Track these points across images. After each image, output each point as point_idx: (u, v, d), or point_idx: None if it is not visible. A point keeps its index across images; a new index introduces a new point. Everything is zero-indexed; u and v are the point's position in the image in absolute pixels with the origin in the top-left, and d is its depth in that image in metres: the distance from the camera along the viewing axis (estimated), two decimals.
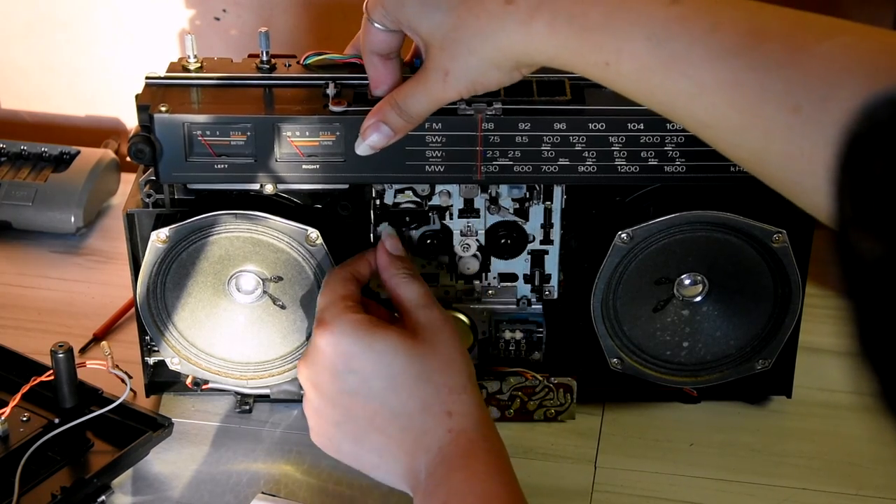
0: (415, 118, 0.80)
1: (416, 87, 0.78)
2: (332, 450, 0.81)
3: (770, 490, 0.88)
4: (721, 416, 0.94)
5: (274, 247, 0.87)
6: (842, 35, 0.60)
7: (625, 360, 0.91)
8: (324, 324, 0.79)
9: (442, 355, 0.79)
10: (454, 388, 0.78)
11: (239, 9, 1.26)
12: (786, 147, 0.61)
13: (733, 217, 0.86)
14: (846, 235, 0.42)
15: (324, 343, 0.78)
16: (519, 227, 0.90)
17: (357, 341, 0.78)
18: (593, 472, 0.90)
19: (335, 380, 0.78)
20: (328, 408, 0.79)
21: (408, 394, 0.77)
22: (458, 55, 0.74)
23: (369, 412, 0.78)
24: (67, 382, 0.90)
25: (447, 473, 0.75)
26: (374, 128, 0.81)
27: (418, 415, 0.77)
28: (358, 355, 0.77)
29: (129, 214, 0.88)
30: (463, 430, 0.77)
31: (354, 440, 0.79)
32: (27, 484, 0.85)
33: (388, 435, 0.77)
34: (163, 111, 0.83)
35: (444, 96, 0.77)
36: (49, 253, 1.15)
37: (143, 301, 0.88)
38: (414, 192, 0.89)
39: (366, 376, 0.77)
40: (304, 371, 0.80)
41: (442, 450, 0.76)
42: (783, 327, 0.90)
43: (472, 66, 0.74)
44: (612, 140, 0.83)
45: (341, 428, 0.79)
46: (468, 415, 0.77)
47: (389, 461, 0.78)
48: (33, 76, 1.32)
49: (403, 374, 0.77)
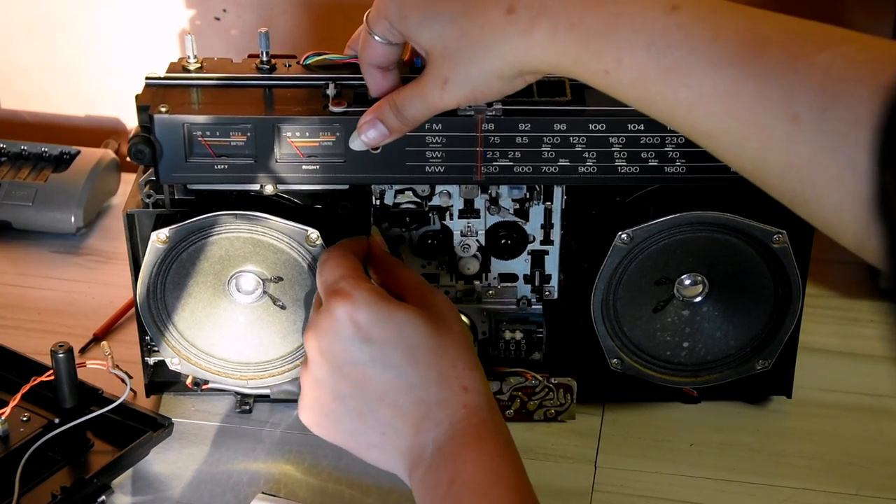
0: (411, 122, 0.80)
1: (414, 92, 0.78)
2: (326, 426, 0.79)
3: (770, 490, 0.88)
4: (721, 416, 0.94)
5: (274, 247, 0.87)
6: (842, 45, 0.61)
7: (625, 361, 0.91)
8: (342, 293, 0.77)
9: (455, 331, 0.78)
10: (468, 364, 0.77)
11: (239, 9, 1.26)
12: (785, 156, 0.61)
13: (733, 218, 0.86)
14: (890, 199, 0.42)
15: (342, 312, 0.77)
16: (519, 227, 0.90)
17: (378, 311, 0.77)
18: (593, 472, 0.90)
19: (351, 349, 0.77)
20: (336, 379, 0.77)
21: (425, 365, 0.76)
22: (459, 64, 0.74)
23: (383, 384, 0.77)
24: (67, 382, 0.90)
25: (458, 450, 0.75)
26: (371, 125, 0.81)
27: (434, 386, 0.76)
28: (378, 324, 0.76)
29: (129, 215, 0.88)
30: (477, 407, 0.76)
31: (358, 415, 0.77)
32: (27, 484, 0.85)
33: (399, 407, 0.76)
34: (163, 112, 0.83)
35: (440, 104, 0.77)
36: (49, 253, 1.15)
37: (144, 301, 0.88)
38: (414, 192, 0.89)
39: (384, 347, 0.76)
40: (314, 340, 0.78)
41: (454, 425, 0.75)
42: (783, 327, 0.90)
43: (473, 75, 0.74)
44: (612, 141, 0.83)
45: (345, 402, 0.77)
46: (481, 392, 0.77)
47: (391, 437, 0.77)
48: (33, 76, 1.33)
49: (422, 345, 0.77)
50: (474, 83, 0.75)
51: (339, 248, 0.83)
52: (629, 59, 0.66)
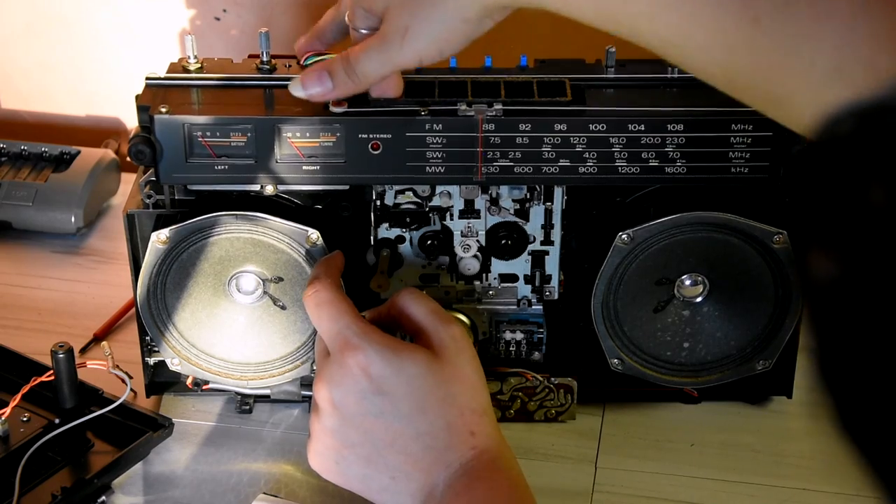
0: (362, 80, 0.78)
1: (370, 45, 0.76)
2: (336, 473, 0.79)
3: (770, 490, 0.88)
4: (721, 417, 0.94)
5: (274, 247, 0.87)
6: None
7: (625, 361, 0.91)
8: (352, 346, 0.77)
9: (465, 378, 0.78)
10: (476, 411, 0.78)
11: (239, 9, 1.26)
12: (750, 59, 0.60)
13: (734, 218, 0.86)
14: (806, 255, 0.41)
15: (354, 365, 0.76)
16: (519, 227, 0.90)
17: (389, 364, 0.76)
18: (594, 472, 0.90)
19: (362, 401, 0.76)
20: (346, 428, 0.77)
21: (434, 414, 0.77)
22: (420, 9, 0.72)
23: (392, 433, 0.77)
24: (68, 382, 0.90)
25: (470, 483, 0.75)
26: (317, 78, 0.79)
27: (443, 433, 0.76)
28: (390, 378, 0.76)
29: (129, 215, 0.88)
30: (486, 449, 0.77)
31: (367, 462, 0.78)
32: (27, 484, 0.85)
33: (408, 454, 0.77)
34: (163, 112, 0.83)
35: (399, 58, 0.75)
36: (49, 253, 1.15)
37: (144, 301, 0.88)
38: (414, 192, 0.89)
39: (395, 399, 0.76)
40: (325, 391, 0.77)
41: (464, 465, 0.76)
42: (784, 328, 0.90)
43: (436, 19, 0.72)
44: (612, 141, 0.83)
45: (355, 449, 0.77)
46: (489, 435, 0.78)
47: (402, 481, 0.77)
48: (34, 76, 1.32)
49: (431, 396, 0.77)
50: (437, 30, 0.73)
51: (330, 294, 0.79)
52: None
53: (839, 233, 0.38)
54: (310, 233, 0.86)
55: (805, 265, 0.40)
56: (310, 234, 0.86)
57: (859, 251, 0.37)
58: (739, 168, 0.84)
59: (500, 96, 0.84)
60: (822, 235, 0.39)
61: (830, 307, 0.39)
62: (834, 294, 0.39)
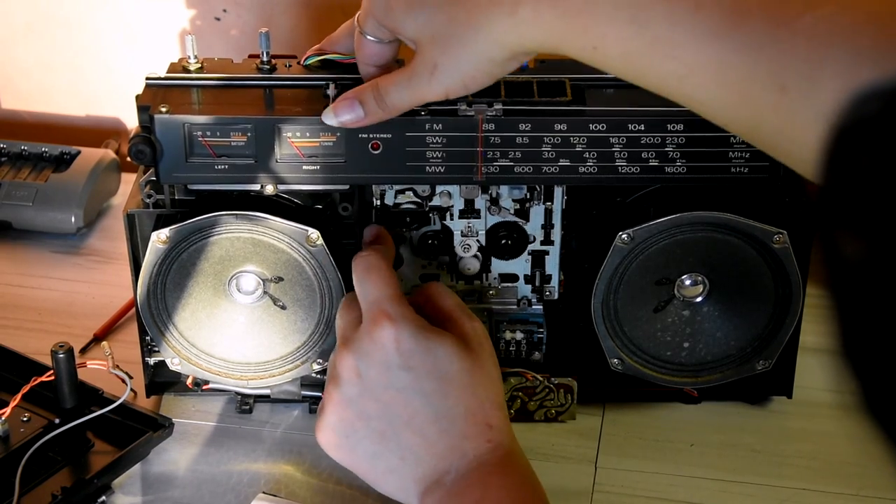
0: (392, 110, 0.79)
1: (401, 79, 0.77)
2: (345, 448, 0.79)
3: (770, 490, 0.88)
4: (721, 417, 0.94)
5: (274, 247, 0.87)
6: (823, 6, 0.60)
7: (625, 361, 0.91)
8: (387, 317, 0.78)
9: (487, 370, 0.80)
10: (494, 404, 0.79)
11: (239, 9, 1.26)
12: (777, 123, 0.60)
13: (734, 218, 0.86)
14: (831, 235, 0.41)
15: (386, 336, 0.77)
16: (519, 227, 0.90)
17: (421, 341, 0.77)
18: (594, 472, 0.90)
19: (387, 373, 0.77)
20: (366, 399, 0.78)
21: (455, 400, 0.77)
22: (450, 48, 0.73)
23: (410, 410, 0.77)
24: (68, 382, 0.90)
25: (483, 477, 0.76)
26: (349, 106, 0.80)
27: (461, 420, 0.77)
28: (418, 355, 0.77)
29: (129, 215, 0.88)
30: (501, 444, 0.78)
31: (380, 437, 0.78)
32: (27, 484, 0.85)
33: (424, 436, 0.77)
34: (163, 112, 0.83)
35: (427, 92, 0.76)
36: (49, 253, 1.15)
37: (144, 301, 0.88)
38: (414, 192, 0.89)
39: (420, 376, 0.77)
40: (350, 360, 0.78)
41: (478, 457, 0.77)
42: (784, 328, 0.90)
43: (464, 59, 0.74)
44: (612, 141, 0.83)
45: (370, 422, 0.78)
46: (505, 431, 0.78)
47: (411, 463, 0.78)
48: (34, 76, 1.32)
49: (455, 381, 0.78)
50: (465, 68, 0.74)
51: (382, 263, 0.82)
52: (614, 34, 0.66)
53: (868, 213, 0.38)
54: (310, 233, 0.86)
55: (830, 247, 0.40)
56: (310, 233, 0.86)
57: (889, 231, 0.37)
58: (739, 168, 0.84)
59: (499, 96, 0.84)
60: (850, 216, 0.39)
61: (858, 287, 0.39)
62: (862, 274, 0.39)
